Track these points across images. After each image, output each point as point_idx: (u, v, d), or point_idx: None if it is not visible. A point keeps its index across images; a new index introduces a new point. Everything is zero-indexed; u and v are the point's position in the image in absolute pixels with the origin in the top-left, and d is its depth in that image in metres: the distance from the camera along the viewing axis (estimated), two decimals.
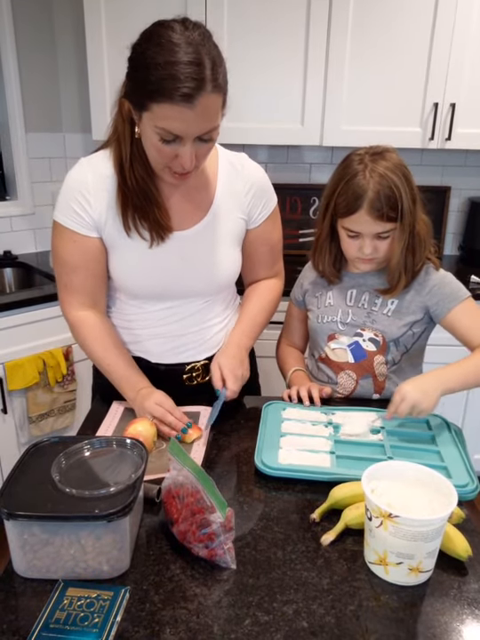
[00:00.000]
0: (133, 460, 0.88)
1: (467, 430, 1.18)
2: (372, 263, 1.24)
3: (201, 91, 0.93)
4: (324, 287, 1.34)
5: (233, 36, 2.16)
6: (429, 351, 1.40)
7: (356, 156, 1.18)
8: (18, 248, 2.60)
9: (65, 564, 0.79)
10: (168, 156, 1.02)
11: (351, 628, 0.73)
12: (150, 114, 0.97)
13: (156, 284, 1.20)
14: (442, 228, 2.71)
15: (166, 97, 0.93)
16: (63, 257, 1.19)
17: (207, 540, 0.81)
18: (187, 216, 1.19)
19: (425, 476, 0.86)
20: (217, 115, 1.00)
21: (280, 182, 2.66)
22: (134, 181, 1.10)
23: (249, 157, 1.27)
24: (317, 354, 1.37)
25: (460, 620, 0.75)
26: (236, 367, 1.19)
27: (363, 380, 1.30)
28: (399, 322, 1.26)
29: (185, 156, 1.01)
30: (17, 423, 2.15)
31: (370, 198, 1.12)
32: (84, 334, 1.23)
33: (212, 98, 0.96)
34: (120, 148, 1.10)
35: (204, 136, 1.00)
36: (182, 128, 0.97)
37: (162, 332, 1.27)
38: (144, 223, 1.14)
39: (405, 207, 1.15)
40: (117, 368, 1.22)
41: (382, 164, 1.14)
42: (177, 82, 0.92)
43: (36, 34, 2.45)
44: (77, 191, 1.13)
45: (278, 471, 1.02)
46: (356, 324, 1.28)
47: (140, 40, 0.98)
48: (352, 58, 2.19)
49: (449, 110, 2.22)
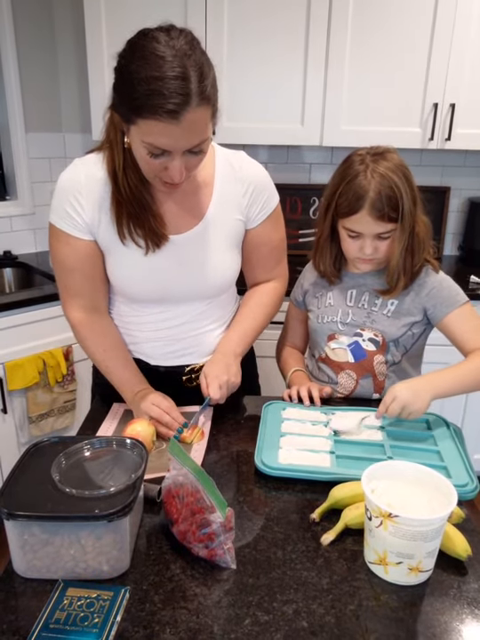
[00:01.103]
0: (133, 460, 0.88)
1: (467, 430, 1.18)
2: (372, 263, 1.24)
3: (187, 106, 0.90)
4: (324, 287, 1.34)
5: (233, 36, 2.16)
6: (429, 351, 1.40)
7: (357, 156, 1.18)
8: (18, 248, 2.60)
9: (65, 564, 0.79)
10: (158, 168, 1.01)
11: (351, 627, 0.73)
12: (137, 128, 0.95)
13: (154, 288, 1.20)
14: (441, 228, 2.71)
15: (151, 113, 0.90)
16: (60, 259, 1.18)
17: (207, 539, 0.81)
18: (182, 220, 1.18)
19: (425, 476, 0.86)
20: (205, 128, 0.97)
21: (280, 182, 2.65)
22: (128, 190, 1.09)
23: (248, 156, 1.24)
24: (318, 354, 1.37)
25: (459, 619, 0.75)
26: (221, 373, 1.17)
27: (363, 379, 1.30)
28: (399, 322, 1.26)
29: (174, 169, 0.99)
30: (17, 423, 2.15)
31: (371, 199, 1.13)
32: (83, 336, 1.24)
33: (199, 112, 0.93)
34: (113, 155, 1.08)
35: (194, 149, 0.98)
36: (170, 144, 0.95)
37: (161, 336, 1.26)
38: (139, 231, 1.13)
39: (406, 208, 1.15)
40: (116, 370, 1.23)
41: (383, 164, 1.14)
42: (162, 98, 0.89)
43: (37, 34, 2.45)
44: (70, 193, 1.12)
45: (278, 471, 1.02)
46: (356, 324, 1.29)
47: (125, 51, 0.94)
48: (352, 58, 2.19)
49: (449, 110, 2.22)
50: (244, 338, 1.28)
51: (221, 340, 1.28)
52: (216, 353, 1.24)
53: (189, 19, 2.11)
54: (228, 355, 1.22)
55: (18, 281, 2.54)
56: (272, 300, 1.34)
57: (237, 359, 1.23)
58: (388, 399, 1.10)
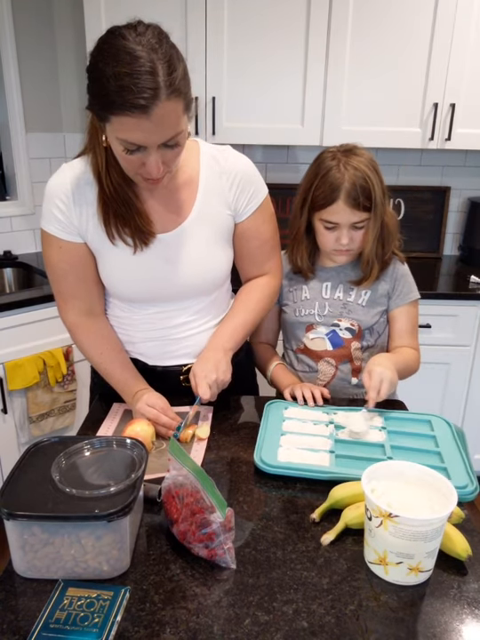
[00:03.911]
0: (133, 460, 0.88)
1: (467, 430, 1.18)
2: (347, 254, 1.31)
3: (156, 100, 0.90)
4: (298, 282, 1.40)
5: (233, 36, 2.16)
6: (430, 351, 1.41)
7: (329, 153, 1.26)
8: (18, 248, 2.60)
9: (65, 564, 0.79)
10: (136, 164, 1.01)
11: (351, 627, 0.73)
12: (110, 125, 0.96)
13: (145, 287, 1.20)
14: (442, 227, 2.71)
15: (121, 109, 0.91)
16: (52, 264, 1.19)
17: (207, 539, 0.81)
18: (169, 218, 1.18)
19: (425, 476, 0.86)
20: (178, 120, 0.97)
21: (280, 182, 2.67)
22: (112, 188, 1.10)
23: (234, 150, 1.23)
24: (296, 345, 1.41)
25: (459, 619, 0.75)
26: (209, 372, 1.17)
27: (341, 365, 1.37)
28: (373, 311, 1.35)
29: (151, 165, 1.00)
30: (17, 423, 2.15)
31: (346, 189, 1.20)
32: (80, 339, 1.25)
33: (169, 105, 0.92)
34: (96, 156, 1.09)
35: (169, 142, 0.98)
36: (142, 139, 0.95)
37: (156, 336, 1.26)
38: (126, 230, 1.13)
39: (378, 197, 1.23)
40: (114, 372, 1.23)
41: (355, 158, 1.23)
42: (130, 93, 0.89)
43: (37, 34, 2.45)
44: (57, 197, 1.13)
45: (276, 469, 1.02)
46: (333, 315, 1.35)
47: (95, 50, 0.95)
48: (352, 58, 2.19)
49: (449, 110, 2.22)
50: (235, 333, 1.26)
51: (212, 336, 1.27)
52: (205, 350, 1.24)
53: (189, 18, 2.12)
54: (218, 350, 1.21)
55: (18, 281, 2.54)
56: (265, 295, 1.32)
57: (228, 355, 1.22)
58: (377, 382, 1.16)
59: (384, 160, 2.66)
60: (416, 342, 1.38)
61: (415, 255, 2.73)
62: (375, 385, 1.16)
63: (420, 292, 1.39)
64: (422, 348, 1.42)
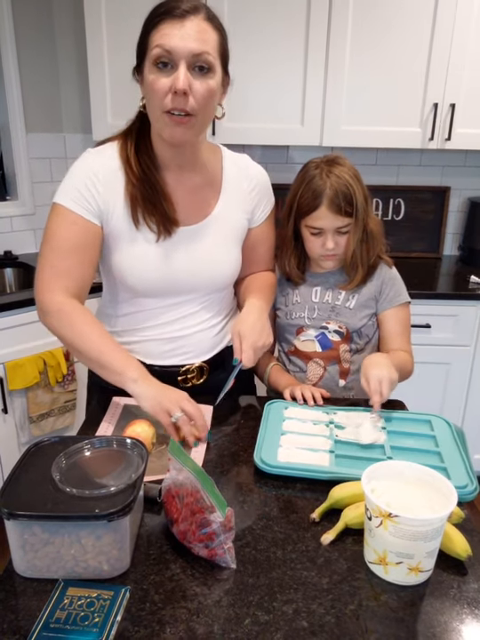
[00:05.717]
0: (133, 459, 0.88)
1: (467, 430, 1.18)
2: (334, 259, 1.36)
3: (195, 12, 1.03)
4: (289, 287, 1.45)
5: (233, 36, 2.13)
6: (430, 351, 1.41)
7: (313, 163, 1.32)
8: (18, 248, 2.60)
9: (65, 564, 0.79)
10: (164, 90, 1.04)
11: (351, 627, 0.73)
12: (150, 44, 1.04)
13: (161, 277, 1.21)
14: (441, 227, 2.71)
15: (163, 16, 1.03)
16: (58, 240, 1.16)
17: (207, 539, 0.81)
18: (193, 211, 1.21)
19: (425, 476, 0.86)
20: (211, 43, 1.05)
21: (280, 182, 2.66)
22: (141, 172, 1.14)
23: (251, 159, 1.32)
24: (287, 347, 1.46)
25: (459, 619, 0.75)
26: (257, 339, 1.18)
27: (330, 366, 1.40)
28: (360, 314, 1.38)
29: (179, 76, 1.02)
30: (17, 423, 2.15)
31: (328, 195, 1.26)
32: (72, 320, 1.16)
33: (205, 26, 1.04)
34: (126, 140, 1.16)
35: (197, 62, 1.03)
36: (174, 42, 1.02)
37: (160, 333, 1.27)
38: (152, 217, 1.16)
39: (359, 203, 1.28)
40: (117, 349, 1.16)
41: (337, 167, 1.28)
42: (173, 3, 1.03)
43: (37, 34, 2.45)
44: (87, 177, 1.14)
45: (276, 469, 1.02)
46: (322, 318, 1.39)
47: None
48: (352, 58, 2.19)
49: (449, 111, 2.22)
50: (269, 299, 1.34)
51: (249, 299, 1.29)
52: (248, 313, 1.24)
53: None
54: (263, 311, 1.25)
55: (18, 281, 2.54)
56: (274, 282, 1.41)
57: (267, 316, 1.27)
58: (376, 384, 1.16)
59: (384, 160, 2.66)
60: (408, 346, 1.40)
61: (415, 255, 2.74)
62: (375, 388, 1.16)
63: (420, 292, 1.40)
64: (422, 347, 1.42)
